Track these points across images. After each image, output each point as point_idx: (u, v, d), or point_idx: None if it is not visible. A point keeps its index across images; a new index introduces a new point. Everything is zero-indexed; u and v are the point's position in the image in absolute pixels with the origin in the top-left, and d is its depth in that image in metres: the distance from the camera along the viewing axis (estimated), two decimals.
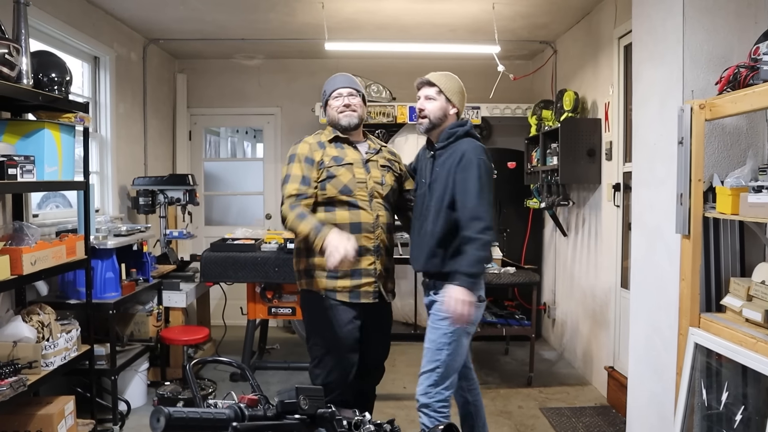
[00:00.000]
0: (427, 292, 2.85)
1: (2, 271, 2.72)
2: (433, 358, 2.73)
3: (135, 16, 4.83)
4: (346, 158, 2.83)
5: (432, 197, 2.75)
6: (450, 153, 2.74)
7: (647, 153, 3.03)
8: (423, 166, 2.91)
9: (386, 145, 3.11)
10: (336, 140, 2.88)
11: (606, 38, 4.41)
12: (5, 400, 2.69)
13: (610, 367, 4.29)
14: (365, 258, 2.79)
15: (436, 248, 2.73)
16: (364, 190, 2.81)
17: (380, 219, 2.83)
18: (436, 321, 2.74)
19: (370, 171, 2.85)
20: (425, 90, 2.84)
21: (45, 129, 3.14)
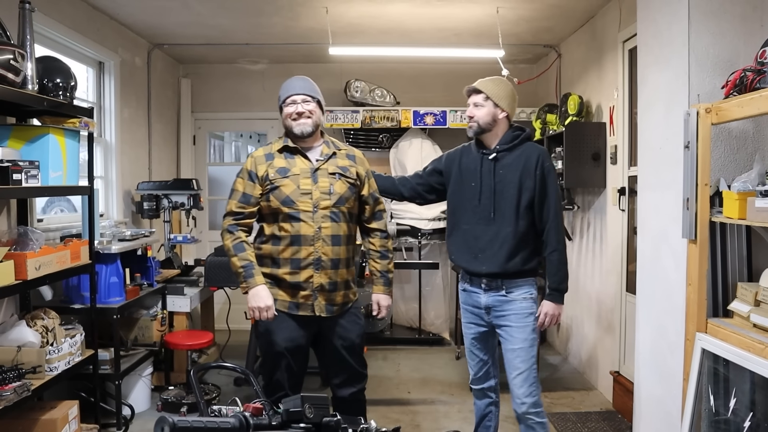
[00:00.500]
0: (492, 291, 2.88)
1: (7, 276, 2.73)
2: (527, 356, 2.84)
3: (139, 21, 4.84)
4: (293, 169, 2.78)
5: (502, 198, 2.82)
6: (518, 155, 2.84)
7: (653, 157, 3.01)
8: (474, 168, 2.91)
9: (344, 148, 2.96)
10: (285, 150, 2.83)
11: (610, 42, 4.39)
12: (9, 405, 2.68)
13: (615, 372, 4.27)
14: (303, 271, 2.75)
15: (517, 249, 2.82)
16: (309, 201, 2.74)
17: (323, 231, 2.74)
18: (521, 319, 2.84)
19: (318, 180, 2.77)
20: (473, 97, 2.90)
21: (50, 134, 3.14)
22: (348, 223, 2.84)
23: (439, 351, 5.68)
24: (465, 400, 4.38)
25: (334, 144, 2.93)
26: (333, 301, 2.82)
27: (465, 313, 3.05)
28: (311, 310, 2.79)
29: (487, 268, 2.86)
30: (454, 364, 5.26)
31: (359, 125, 5.70)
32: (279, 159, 2.81)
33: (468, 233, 2.91)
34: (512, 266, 2.83)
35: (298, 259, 2.74)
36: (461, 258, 2.96)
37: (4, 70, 2.65)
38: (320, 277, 2.76)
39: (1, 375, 2.75)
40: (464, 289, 3.03)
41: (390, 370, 5.11)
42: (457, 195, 2.98)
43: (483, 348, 3.03)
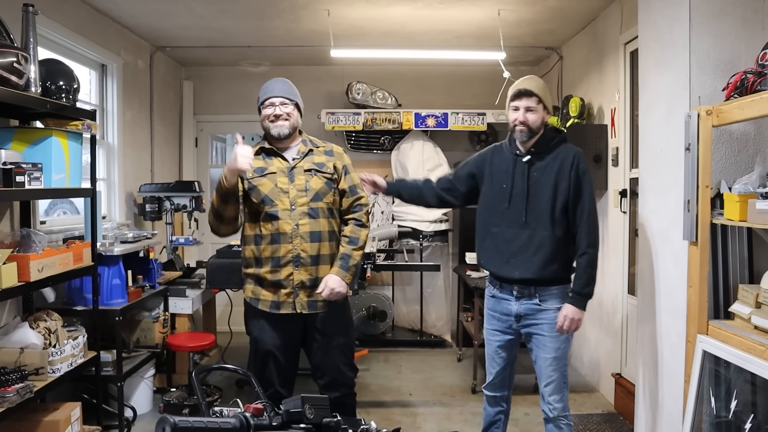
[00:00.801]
0: (525, 299, 2.79)
1: (10, 278, 2.73)
2: (559, 365, 2.78)
3: (142, 24, 4.86)
4: (269, 168, 2.83)
5: (536, 202, 2.72)
6: (553, 157, 2.74)
7: (654, 159, 3.02)
8: (506, 169, 2.81)
9: (323, 145, 2.97)
10: (262, 151, 2.89)
11: (612, 44, 4.40)
12: (12, 407, 2.69)
13: (617, 374, 4.27)
14: (284, 269, 2.79)
15: (554, 256, 2.72)
16: (286, 199, 2.79)
17: (300, 228, 2.78)
18: (555, 329, 2.74)
19: (295, 178, 2.82)
20: (525, 100, 2.71)
21: (52, 136, 3.15)
22: (329, 219, 2.86)
23: (440, 353, 5.68)
24: (466, 402, 4.39)
25: (312, 142, 2.95)
26: (316, 298, 2.82)
27: (491, 320, 2.94)
28: (292, 308, 2.81)
29: (521, 273, 2.75)
30: (455, 366, 5.26)
31: (361, 127, 5.71)
32: (257, 160, 2.83)
33: (498, 237, 2.81)
34: (548, 273, 2.73)
35: (278, 257, 2.79)
36: (491, 262, 2.87)
37: (7, 72, 2.66)
38: (300, 274, 2.79)
39: (4, 377, 2.75)
40: (493, 296, 2.92)
41: (391, 372, 5.12)
42: (487, 197, 2.88)
43: (507, 356, 2.94)
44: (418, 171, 5.70)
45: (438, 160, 5.80)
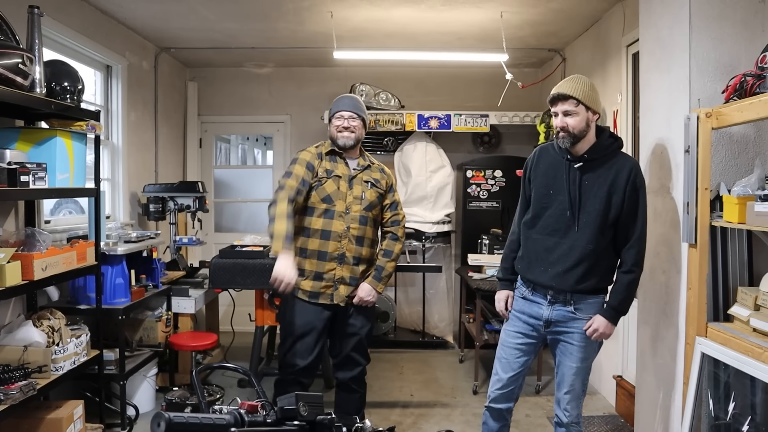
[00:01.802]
0: (559, 305, 2.68)
1: (14, 277, 2.76)
2: (583, 375, 2.71)
3: (147, 26, 4.89)
4: (336, 171, 3.16)
5: (585, 212, 2.58)
6: (608, 166, 2.58)
7: (654, 161, 3.02)
8: (554, 174, 2.67)
9: (377, 163, 3.33)
10: (331, 154, 3.21)
11: (614, 46, 4.41)
12: (15, 404, 2.71)
13: (618, 377, 4.27)
14: (328, 264, 3.11)
15: (594, 270, 2.61)
16: (343, 201, 3.12)
17: (351, 231, 3.12)
18: (586, 339, 2.65)
19: (353, 186, 3.16)
20: (562, 105, 2.56)
21: (57, 137, 3.18)
22: (372, 228, 3.22)
23: (442, 354, 5.69)
24: (468, 403, 4.40)
25: (369, 159, 3.32)
26: (351, 294, 3.17)
27: (515, 321, 2.82)
28: (330, 299, 3.14)
29: (558, 285, 2.64)
30: (457, 368, 5.27)
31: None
32: (326, 161, 3.19)
33: (538, 243, 2.70)
34: (585, 287, 2.62)
35: (325, 252, 3.11)
36: (528, 269, 2.75)
37: (12, 73, 2.69)
38: (342, 271, 3.13)
39: (8, 374, 2.78)
40: (523, 297, 2.79)
41: (393, 372, 5.13)
42: (535, 203, 2.74)
43: (524, 362, 2.81)
44: (421, 172, 5.72)
45: (441, 162, 5.81)
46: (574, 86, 2.55)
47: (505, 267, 2.96)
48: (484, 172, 5.74)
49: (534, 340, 2.79)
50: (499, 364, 2.87)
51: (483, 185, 5.74)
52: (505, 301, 2.92)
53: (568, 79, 2.63)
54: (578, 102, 2.52)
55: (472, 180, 5.74)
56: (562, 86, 2.57)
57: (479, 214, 5.76)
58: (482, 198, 5.74)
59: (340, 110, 3.19)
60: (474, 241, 5.60)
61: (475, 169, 5.75)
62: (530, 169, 2.80)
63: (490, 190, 5.75)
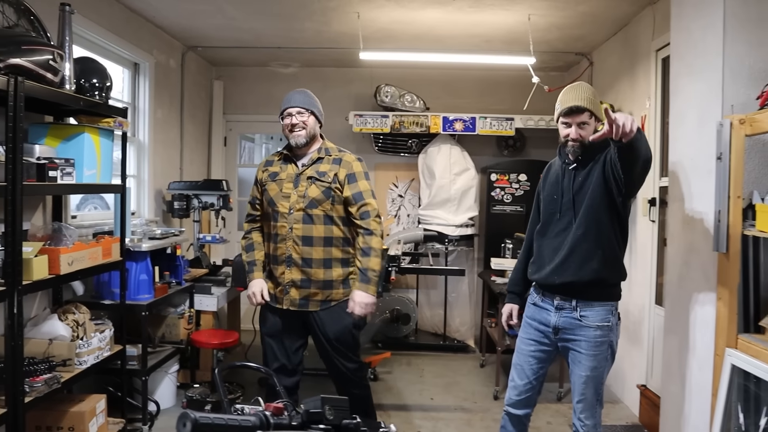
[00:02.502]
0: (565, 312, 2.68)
1: (41, 271, 2.79)
2: (595, 383, 2.66)
3: (174, 24, 4.93)
4: (281, 174, 3.12)
5: (581, 204, 2.63)
6: (597, 159, 2.63)
7: (684, 168, 2.97)
8: (555, 180, 2.76)
9: (336, 154, 3.14)
10: (282, 156, 3.19)
11: (643, 50, 4.34)
12: (40, 396, 2.75)
13: (642, 386, 4.20)
14: (279, 267, 3.09)
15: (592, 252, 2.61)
16: (286, 203, 3.05)
17: (294, 231, 3.03)
18: (593, 348, 2.63)
19: (299, 184, 3.06)
20: (578, 117, 2.62)
21: (85, 133, 3.22)
22: (326, 225, 3.05)
23: (463, 358, 5.65)
24: (488, 408, 4.36)
25: (327, 150, 3.15)
26: (306, 297, 3.08)
27: (527, 328, 2.84)
28: (282, 303, 3.10)
29: (560, 278, 2.66)
30: (478, 372, 5.23)
31: (388, 130, 5.72)
32: (275, 165, 3.18)
33: (548, 247, 2.75)
34: (586, 273, 2.60)
35: (276, 255, 3.10)
36: (536, 271, 2.81)
37: (43, 69, 2.72)
38: (291, 274, 3.06)
39: (33, 367, 2.81)
40: (534, 303, 2.83)
41: (413, 375, 5.10)
42: (544, 211, 2.82)
43: (539, 368, 2.82)
44: (444, 174, 5.69)
45: (465, 164, 5.78)
46: (587, 98, 2.61)
47: (513, 279, 3.04)
48: (508, 176, 5.69)
49: (547, 347, 2.79)
50: (514, 370, 2.88)
51: (507, 189, 5.69)
52: (509, 314, 3.01)
53: (577, 89, 2.66)
54: (591, 114, 2.62)
55: (496, 183, 5.70)
56: (576, 99, 2.62)
57: (503, 217, 5.71)
58: (506, 202, 5.70)
59: (285, 108, 3.11)
60: (497, 245, 5.56)
61: (499, 172, 5.70)
62: (541, 182, 2.92)
63: (515, 194, 5.70)
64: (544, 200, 2.83)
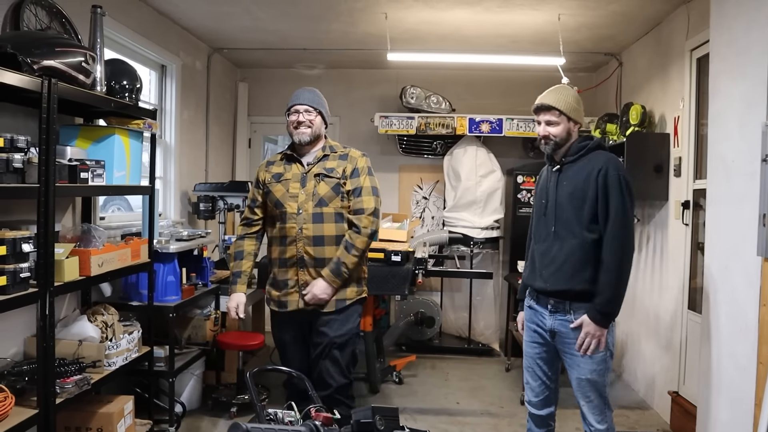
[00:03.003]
0: (559, 314, 2.70)
1: (72, 272, 2.79)
2: (598, 386, 2.67)
3: (201, 26, 4.94)
4: (286, 174, 3.03)
5: (563, 210, 2.67)
6: (583, 165, 2.66)
7: (724, 170, 2.89)
8: (543, 184, 2.84)
9: (341, 150, 3.10)
10: (284, 157, 3.09)
11: (677, 50, 4.25)
12: (70, 398, 2.75)
13: (674, 392, 4.11)
14: (290, 270, 2.99)
15: (583, 265, 2.62)
16: (294, 203, 2.96)
17: (304, 231, 2.94)
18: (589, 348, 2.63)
19: (306, 183, 2.99)
20: (544, 115, 2.70)
21: (115, 134, 3.22)
22: (337, 223, 2.99)
23: (488, 362, 5.59)
24: (515, 413, 4.30)
25: (332, 148, 3.09)
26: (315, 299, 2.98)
27: (528, 331, 2.88)
28: (295, 305, 2.99)
29: (551, 285, 2.69)
30: (503, 376, 5.16)
31: (414, 132, 5.68)
32: (278, 166, 3.09)
33: (536, 252, 2.80)
34: (578, 283, 2.62)
35: (285, 258, 2.99)
36: (528, 276, 2.86)
37: (75, 71, 2.72)
38: (305, 275, 2.97)
39: (64, 368, 2.81)
40: (530, 306, 2.86)
41: (438, 379, 5.05)
42: (533, 215, 2.93)
43: (548, 370, 2.84)
44: (470, 177, 5.64)
45: (491, 166, 5.72)
46: (558, 97, 2.68)
47: (521, 287, 3.02)
48: (534, 178, 5.61)
49: (546, 348, 2.81)
50: (526, 373, 2.91)
51: (533, 191, 5.60)
52: (523, 322, 2.98)
53: (552, 89, 2.75)
54: (560, 113, 2.66)
55: (522, 186, 5.63)
56: (546, 97, 2.70)
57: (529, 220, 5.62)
58: (532, 204, 5.61)
59: (293, 104, 3.05)
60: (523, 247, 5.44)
61: (526, 174, 5.63)
62: (535, 186, 2.99)
63: None
64: (535, 204, 2.93)
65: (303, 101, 3.04)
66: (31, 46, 2.51)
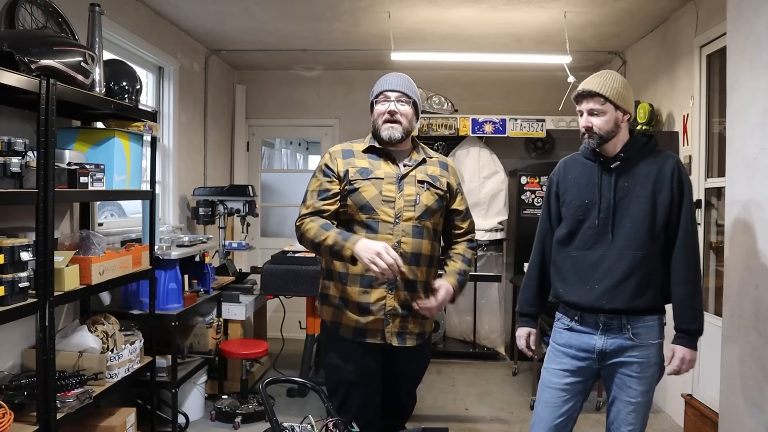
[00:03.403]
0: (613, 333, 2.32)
1: (72, 281, 2.69)
2: (644, 410, 2.35)
3: (199, 27, 4.84)
4: (376, 171, 2.42)
5: (627, 216, 2.30)
6: (648, 163, 2.32)
7: (745, 167, 2.80)
8: (587, 182, 2.39)
9: (436, 156, 2.58)
10: (370, 150, 2.48)
11: (685, 47, 4.18)
12: (72, 412, 2.64)
13: (688, 395, 4.02)
14: (375, 291, 2.37)
15: (649, 281, 2.29)
16: (390, 209, 2.38)
17: (403, 246, 2.36)
18: (646, 369, 2.32)
19: (404, 188, 2.41)
20: (587, 103, 2.31)
21: (115, 137, 3.12)
22: (431, 241, 2.45)
23: (494, 366, 5.50)
24: (525, 419, 4.21)
25: (425, 150, 2.55)
26: (406, 329, 2.41)
27: (561, 357, 2.43)
28: (381, 338, 2.39)
29: (609, 303, 2.29)
30: (511, 381, 5.07)
31: (416, 133, 5.56)
32: (361, 159, 2.45)
33: (580, 261, 2.37)
34: (643, 302, 2.29)
35: (371, 276, 2.33)
36: (571, 291, 2.39)
37: (74, 71, 2.61)
38: (393, 300, 2.37)
39: (64, 381, 2.70)
40: (570, 328, 2.41)
41: (445, 384, 4.96)
42: (569, 217, 2.42)
43: (571, 407, 2.43)
44: (474, 178, 5.55)
45: (494, 167, 5.64)
46: (602, 82, 2.29)
47: (528, 298, 2.60)
48: (539, 179, 5.54)
49: (583, 377, 2.42)
50: (542, 408, 2.46)
51: (538, 192, 5.54)
52: (527, 338, 2.59)
53: (596, 74, 2.36)
54: (606, 100, 2.27)
55: (526, 187, 5.55)
56: (589, 82, 2.32)
57: (533, 221, 5.49)
58: (537, 205, 5.54)
59: (385, 90, 2.45)
60: (528, 249, 5.34)
61: (530, 175, 5.55)
62: (557, 183, 2.50)
63: None
64: (570, 204, 2.41)
65: (396, 87, 2.44)
66: (28, 45, 2.40)
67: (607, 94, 2.26)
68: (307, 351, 4.32)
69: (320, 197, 2.41)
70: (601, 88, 2.27)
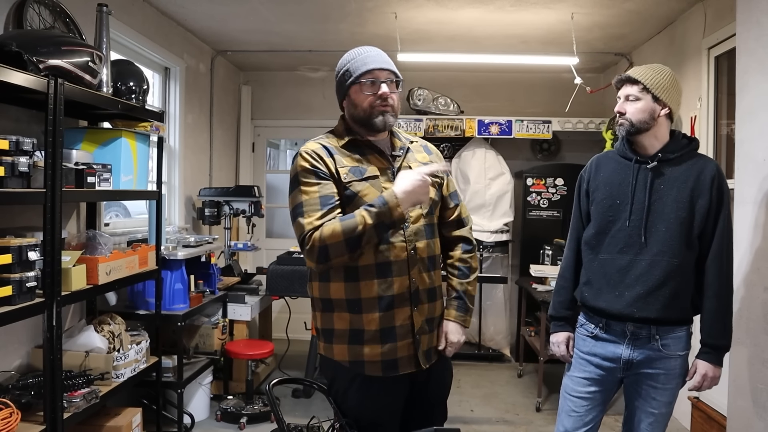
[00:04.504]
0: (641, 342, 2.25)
1: (79, 281, 2.69)
2: (665, 421, 2.32)
3: (205, 27, 4.84)
4: (369, 169, 2.02)
5: (660, 219, 2.20)
6: (688, 166, 2.22)
7: (755, 169, 2.79)
8: (621, 181, 2.29)
9: (415, 139, 2.22)
10: (351, 144, 2.05)
11: (692, 49, 4.17)
12: (78, 412, 2.64)
13: (695, 398, 4.00)
14: (399, 311, 1.97)
15: (684, 289, 2.22)
16: None
17: (418, 252, 2.01)
18: (671, 380, 2.27)
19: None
20: (626, 89, 2.25)
21: (122, 137, 3.12)
22: (437, 237, 2.16)
23: (499, 368, 5.48)
24: (531, 421, 4.20)
25: (401, 134, 2.16)
26: (432, 344, 2.09)
27: (584, 366, 2.36)
28: (415, 365, 2.02)
29: (640, 311, 2.20)
30: (516, 382, 5.05)
31: (422, 134, 5.57)
32: (346, 156, 2.02)
33: (608, 264, 2.28)
34: (675, 313, 2.21)
35: (391, 296, 1.96)
36: (598, 296, 2.30)
37: (82, 71, 2.61)
38: (419, 316, 2.01)
39: (71, 380, 2.70)
40: (593, 335, 2.33)
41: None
42: (595, 216, 2.34)
43: (595, 416, 2.38)
44: (479, 179, 5.54)
45: (500, 169, 5.62)
46: (645, 72, 2.23)
47: (561, 301, 2.47)
48: (544, 180, 5.53)
49: (606, 387, 2.36)
50: (566, 418, 2.40)
51: (544, 194, 5.53)
52: (566, 343, 2.45)
53: (649, 66, 2.28)
54: (644, 88, 2.20)
55: (532, 188, 5.53)
56: (633, 70, 2.27)
57: (539, 223, 5.55)
58: (543, 207, 5.53)
59: (371, 68, 1.97)
60: (533, 251, 5.39)
61: (535, 176, 5.54)
62: (588, 180, 2.40)
63: (551, 199, 5.54)
64: (600, 203, 2.31)
65: (384, 64, 2.01)
66: (36, 45, 2.41)
67: (645, 83, 2.20)
68: (313, 352, 4.31)
69: (328, 205, 1.93)
70: (642, 76, 2.22)
